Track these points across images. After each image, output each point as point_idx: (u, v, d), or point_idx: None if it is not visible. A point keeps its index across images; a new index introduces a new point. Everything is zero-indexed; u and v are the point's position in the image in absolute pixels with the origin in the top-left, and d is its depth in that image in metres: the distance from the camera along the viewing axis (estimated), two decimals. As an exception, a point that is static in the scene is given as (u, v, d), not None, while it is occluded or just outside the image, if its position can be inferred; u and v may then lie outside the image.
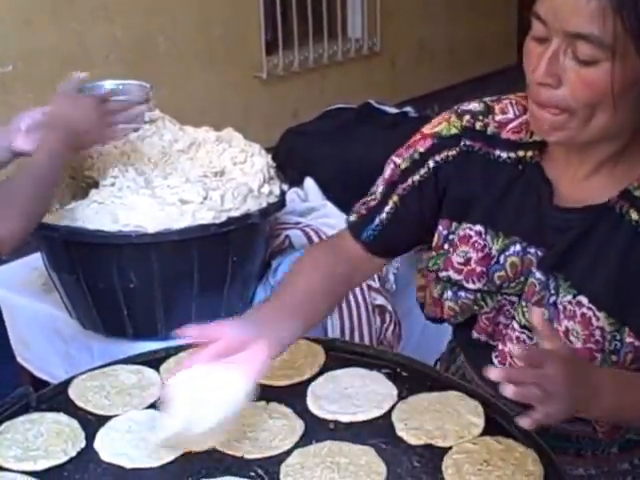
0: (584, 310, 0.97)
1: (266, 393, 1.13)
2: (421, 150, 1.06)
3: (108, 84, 1.76)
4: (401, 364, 1.19)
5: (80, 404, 1.11)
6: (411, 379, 1.16)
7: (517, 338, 1.04)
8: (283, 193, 1.62)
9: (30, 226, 1.28)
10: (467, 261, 1.04)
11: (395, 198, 1.08)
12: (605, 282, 0.97)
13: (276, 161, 1.70)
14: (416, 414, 1.07)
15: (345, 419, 1.08)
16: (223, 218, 1.48)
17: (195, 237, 1.46)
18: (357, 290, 1.71)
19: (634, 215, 0.95)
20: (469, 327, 1.11)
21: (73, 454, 1.01)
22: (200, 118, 1.73)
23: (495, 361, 1.07)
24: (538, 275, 1.01)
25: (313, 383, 1.15)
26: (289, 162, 1.98)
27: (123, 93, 1.74)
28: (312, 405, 1.11)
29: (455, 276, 1.06)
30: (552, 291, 1.00)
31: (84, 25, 3.15)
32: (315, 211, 1.88)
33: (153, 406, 1.11)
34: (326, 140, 2.11)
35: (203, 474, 0.98)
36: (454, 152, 1.04)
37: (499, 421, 1.06)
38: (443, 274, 1.07)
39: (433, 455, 1.01)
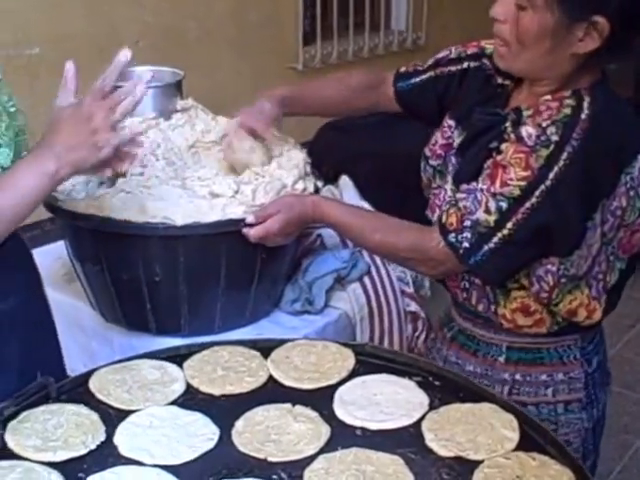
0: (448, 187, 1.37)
1: (292, 396, 1.17)
2: (468, 52, 1.45)
3: (140, 70, 1.81)
4: (434, 373, 1.22)
5: (101, 397, 1.15)
6: (443, 389, 1.18)
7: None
8: (317, 190, 1.64)
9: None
10: (435, 143, 1.43)
11: (433, 74, 1.48)
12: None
13: (311, 157, 1.72)
14: (447, 425, 1.10)
15: (373, 426, 1.11)
16: (254, 213, 1.51)
17: (224, 232, 1.49)
18: (390, 295, 1.73)
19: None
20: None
21: (93, 447, 1.05)
22: (231, 108, 1.75)
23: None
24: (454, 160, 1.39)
25: (341, 388, 1.18)
26: (325, 158, 2.00)
27: (156, 80, 1.78)
28: (339, 410, 1.14)
29: (427, 152, 1.45)
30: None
31: (114, 9, 3.20)
32: (350, 211, 1.88)
33: (175, 402, 1.15)
34: (365, 136, 2.12)
35: (224, 474, 1.01)
36: (479, 64, 1.42)
37: (534, 437, 1.08)
38: (424, 149, 1.46)
39: (463, 468, 1.03)
